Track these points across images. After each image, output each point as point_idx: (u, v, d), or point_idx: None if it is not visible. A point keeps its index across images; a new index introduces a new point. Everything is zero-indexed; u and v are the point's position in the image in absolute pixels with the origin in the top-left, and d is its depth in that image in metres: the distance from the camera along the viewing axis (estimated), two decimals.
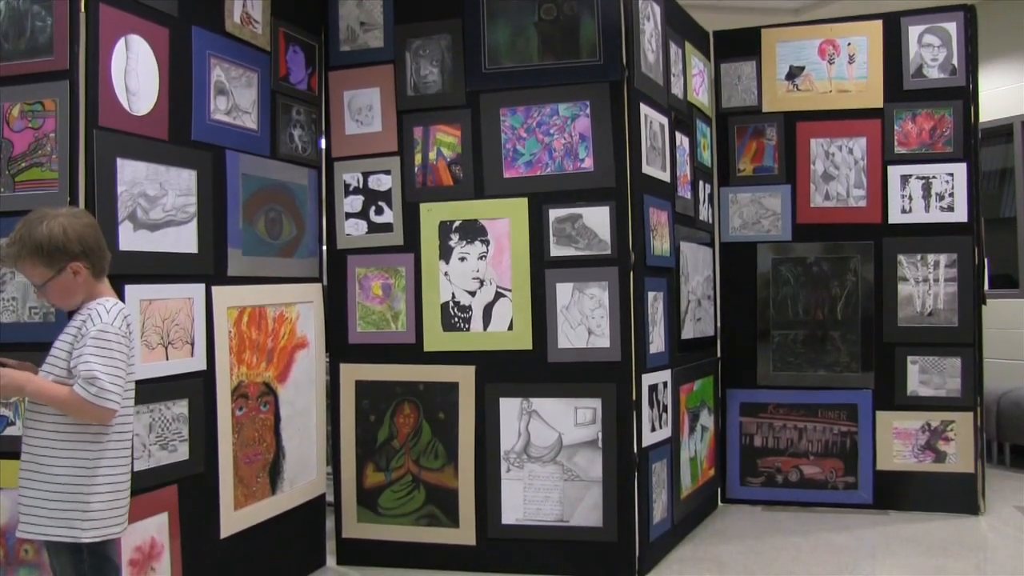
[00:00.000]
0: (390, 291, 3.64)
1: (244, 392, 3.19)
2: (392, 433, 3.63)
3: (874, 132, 4.35)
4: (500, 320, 3.52)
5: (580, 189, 3.44)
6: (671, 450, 3.73)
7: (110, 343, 2.11)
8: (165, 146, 2.84)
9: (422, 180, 3.61)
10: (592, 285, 3.42)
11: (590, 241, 3.42)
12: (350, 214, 3.68)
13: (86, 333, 2.12)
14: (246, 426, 3.20)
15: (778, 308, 4.47)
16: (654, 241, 3.60)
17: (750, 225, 4.51)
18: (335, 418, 3.70)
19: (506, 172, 3.51)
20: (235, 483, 3.13)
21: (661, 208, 3.70)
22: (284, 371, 3.41)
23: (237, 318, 3.16)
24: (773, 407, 4.45)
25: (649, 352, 3.53)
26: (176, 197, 2.88)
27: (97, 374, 2.08)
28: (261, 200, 3.31)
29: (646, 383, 3.50)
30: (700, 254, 4.26)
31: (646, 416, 3.49)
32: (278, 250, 3.41)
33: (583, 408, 3.43)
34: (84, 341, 2.11)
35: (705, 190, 4.38)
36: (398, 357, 3.62)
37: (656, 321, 3.62)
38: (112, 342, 2.12)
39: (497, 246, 3.52)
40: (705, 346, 4.31)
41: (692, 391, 4.06)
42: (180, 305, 2.88)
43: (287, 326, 3.43)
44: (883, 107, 4.34)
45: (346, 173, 3.69)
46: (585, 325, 3.43)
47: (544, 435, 3.47)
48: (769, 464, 4.46)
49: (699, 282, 4.23)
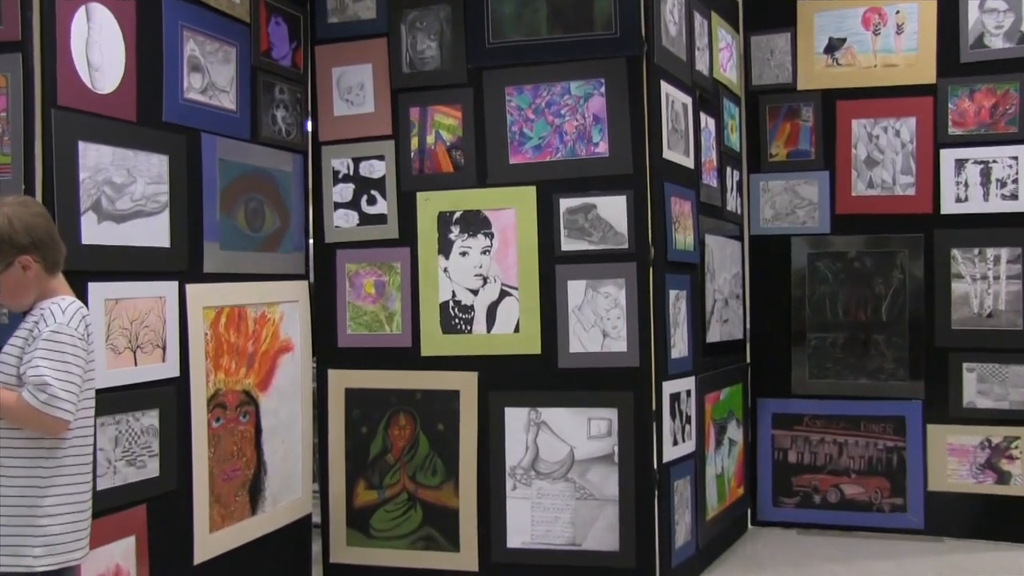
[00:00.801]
0: (384, 289, 3.64)
1: (222, 401, 3.18)
2: (386, 446, 3.62)
3: (925, 111, 4.31)
4: (505, 321, 3.52)
5: (594, 176, 3.43)
6: (695, 466, 3.72)
7: (64, 346, 2.10)
8: (133, 128, 2.82)
9: (419, 166, 3.61)
10: (607, 283, 3.42)
11: (605, 234, 3.42)
12: (339, 204, 3.68)
13: (38, 335, 2.10)
14: (224, 439, 3.19)
15: (815, 308, 4.45)
16: (676, 234, 3.59)
17: (783, 216, 4.50)
18: (322, 430, 3.70)
19: (512, 158, 3.51)
20: (211, 502, 3.11)
21: (684, 197, 3.69)
22: (266, 378, 3.40)
23: (214, 319, 3.15)
24: (809, 419, 4.44)
25: (670, 357, 3.53)
26: (145, 185, 2.86)
27: (48, 379, 2.06)
28: (241, 188, 3.29)
29: (667, 391, 3.49)
30: (727, 248, 4.25)
31: (667, 428, 3.48)
32: (260, 244, 3.39)
33: (597, 419, 3.43)
34: (36, 343, 2.09)
35: (733, 177, 4.36)
36: (392, 362, 3.62)
37: (678, 323, 3.61)
38: (66, 344, 2.10)
39: (502, 239, 3.52)
40: (733, 351, 4.30)
41: (718, 401, 4.05)
42: (150, 305, 2.87)
43: (270, 328, 3.42)
44: (936, 83, 4.30)
45: (335, 159, 3.68)
46: (599, 327, 3.43)
47: (554, 449, 3.46)
48: (805, 483, 4.45)
49: (726, 280, 4.22)
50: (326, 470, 3.68)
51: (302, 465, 3.58)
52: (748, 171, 4.55)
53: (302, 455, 3.58)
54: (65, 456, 2.14)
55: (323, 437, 3.69)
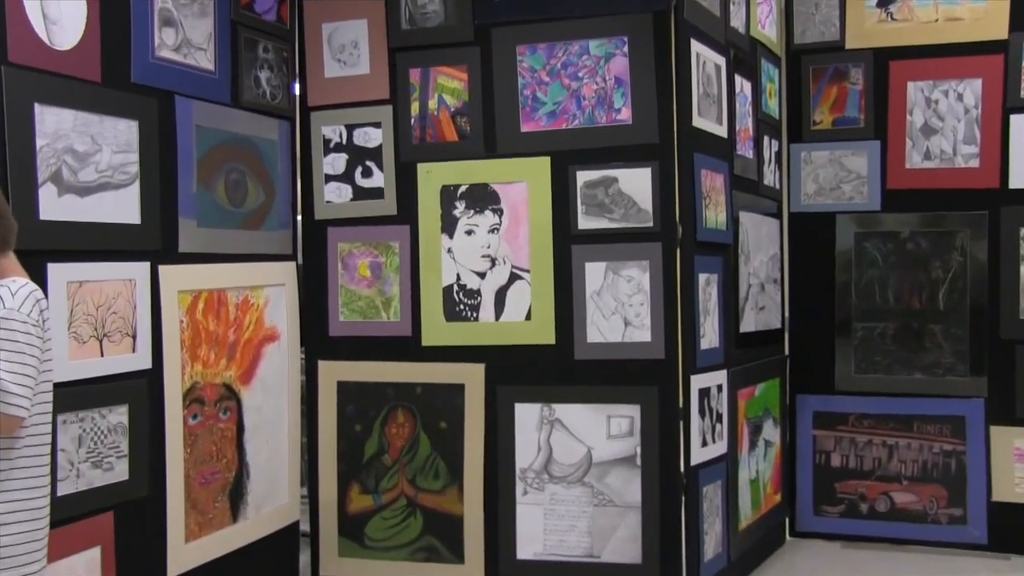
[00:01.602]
0: (380, 272, 3.65)
1: (199, 396, 3.19)
2: (382, 446, 3.64)
3: (993, 72, 4.27)
4: (516, 308, 3.52)
5: (615, 146, 3.43)
6: (727, 470, 3.73)
7: (15, 334, 2.08)
8: (97, 90, 2.81)
9: (420, 135, 3.61)
10: (630, 265, 3.41)
11: (627, 210, 3.42)
12: (331, 176, 3.69)
13: None
14: (201, 438, 3.20)
15: (862, 295, 4.43)
16: (707, 211, 3.58)
17: (828, 191, 4.48)
18: (312, 428, 3.71)
19: (524, 125, 3.51)
20: (187, 509, 3.12)
21: (716, 170, 3.68)
22: (249, 370, 3.41)
23: (190, 305, 3.15)
24: (855, 418, 4.42)
25: (700, 348, 3.52)
26: (112, 154, 2.85)
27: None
28: (220, 158, 3.29)
29: (696, 386, 3.49)
30: (764, 227, 4.24)
31: (696, 427, 3.49)
32: (242, 220, 3.40)
33: (618, 417, 3.44)
34: None
35: (771, 147, 4.35)
36: (390, 353, 3.63)
37: (709, 310, 3.61)
38: (18, 332, 2.08)
39: (512, 216, 3.53)
40: (770, 341, 4.30)
41: (753, 397, 4.05)
42: (119, 289, 2.87)
43: (253, 314, 3.43)
44: (1007, 38, 4.24)
45: (326, 126, 3.69)
46: (621, 314, 3.43)
47: (569, 450, 3.47)
48: (850, 489, 4.44)
49: (763, 262, 4.21)
50: (316, 473, 3.69)
51: (289, 467, 3.58)
52: (788, 141, 4.53)
53: (289, 456, 3.59)
54: (19, 458, 2.13)
55: (312, 436, 3.70)
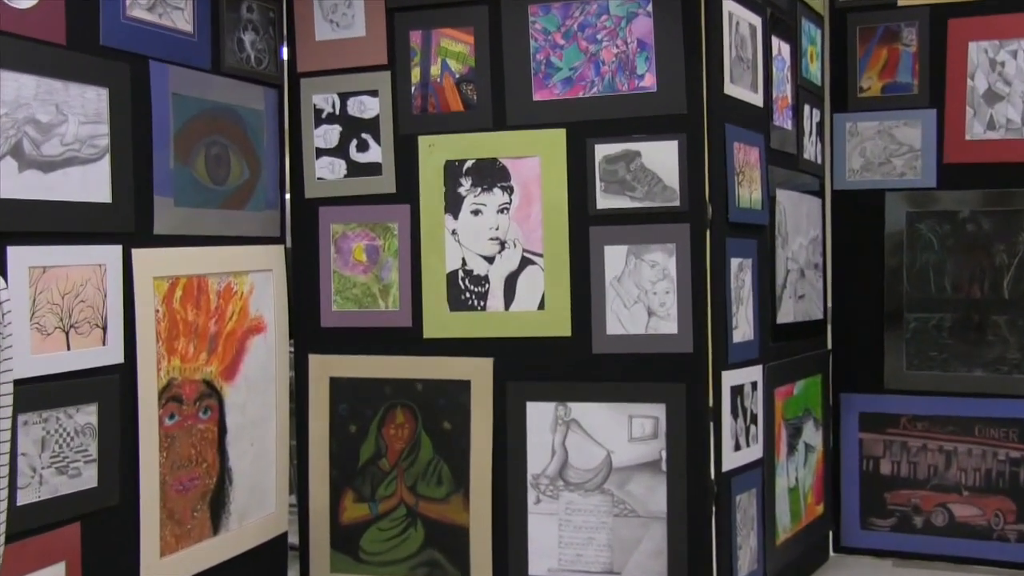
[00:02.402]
0: (377, 256, 3.66)
1: (176, 394, 3.19)
2: (379, 450, 3.65)
3: None
4: (527, 296, 3.53)
5: (638, 116, 3.42)
6: (762, 477, 3.72)
7: None
8: (62, 53, 2.80)
9: (421, 104, 3.61)
10: (654, 249, 3.41)
11: (651, 188, 3.41)
12: (323, 151, 3.70)
13: None
14: (179, 440, 3.21)
15: (915, 282, 4.41)
16: (740, 188, 3.57)
17: (876, 166, 4.46)
18: (302, 429, 3.73)
19: (536, 93, 3.51)
20: (163, 519, 3.12)
21: (750, 143, 3.66)
22: (232, 365, 3.42)
23: (167, 292, 3.16)
24: (908, 420, 4.40)
25: (732, 341, 3.52)
26: (80, 125, 2.85)
27: None
28: (200, 130, 3.29)
29: (728, 383, 3.48)
30: (804, 207, 4.23)
31: (728, 429, 3.48)
32: (224, 199, 3.40)
33: (641, 417, 3.44)
34: None
35: (813, 118, 4.33)
36: (388, 346, 3.64)
37: (742, 299, 3.60)
38: None
39: (524, 195, 3.53)
40: (810, 333, 4.29)
41: (792, 396, 4.04)
42: (87, 275, 2.87)
43: (236, 303, 3.44)
44: None
45: (317, 94, 3.69)
46: (644, 303, 3.42)
47: (587, 454, 3.48)
48: (902, 500, 4.42)
49: (802, 245, 4.20)
50: (306, 479, 3.70)
51: (276, 473, 3.59)
52: (832, 110, 4.50)
53: (276, 460, 3.60)
54: None
55: (302, 438, 3.71)
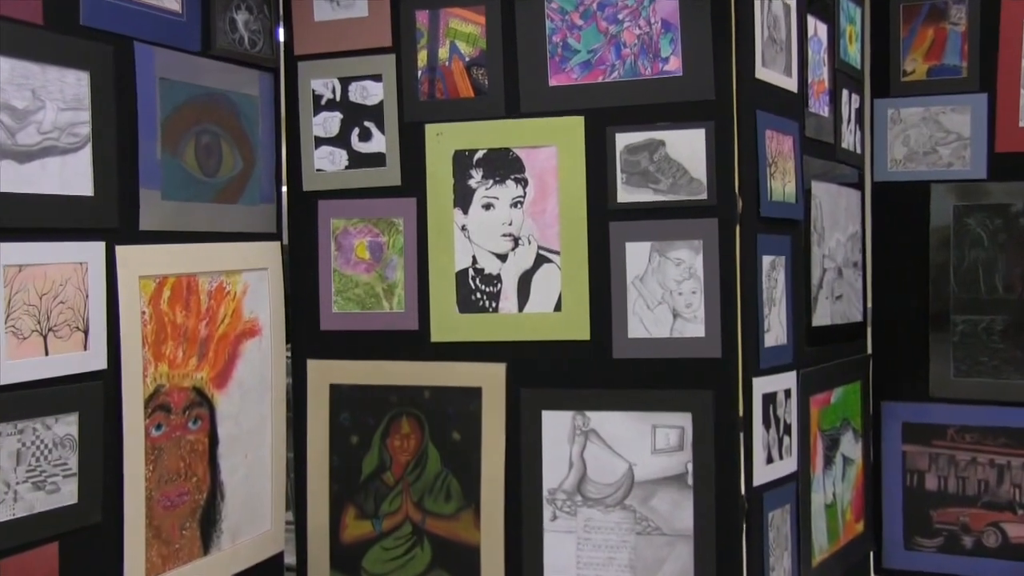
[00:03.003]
0: (381, 253, 3.66)
1: (164, 402, 3.19)
2: (384, 462, 3.64)
3: None
4: (543, 297, 3.52)
5: (662, 103, 3.40)
6: (797, 492, 3.70)
7: None
8: (39, 34, 2.79)
9: (428, 90, 3.61)
10: (679, 245, 3.39)
11: (677, 180, 3.39)
12: (322, 140, 3.69)
13: None
14: (167, 453, 3.20)
15: (963, 281, 4.37)
16: (772, 180, 3.55)
17: (921, 156, 4.43)
18: (299, 440, 3.72)
19: (552, 78, 3.49)
20: (149, 538, 3.11)
21: (783, 131, 3.64)
22: (224, 371, 3.42)
23: (154, 293, 3.15)
24: (955, 431, 4.37)
25: (764, 345, 3.50)
26: (59, 112, 2.84)
27: None
28: (189, 118, 3.29)
29: (759, 391, 3.46)
30: (842, 200, 4.21)
31: (759, 440, 3.46)
32: (215, 192, 3.40)
33: (665, 427, 3.43)
34: None
35: (852, 103, 4.30)
36: (393, 350, 3.63)
37: (774, 300, 3.58)
38: None
39: (539, 188, 3.52)
40: (849, 337, 4.27)
41: (829, 404, 4.02)
42: (67, 273, 2.86)
43: (229, 304, 3.44)
44: None
45: (316, 79, 3.69)
46: (668, 304, 3.40)
47: (607, 466, 3.46)
48: (950, 518, 4.38)
49: (840, 242, 4.18)
50: (304, 494, 3.70)
51: (272, 487, 3.60)
52: (872, 95, 4.47)
53: (272, 474, 3.60)
54: None
55: (300, 450, 3.71)
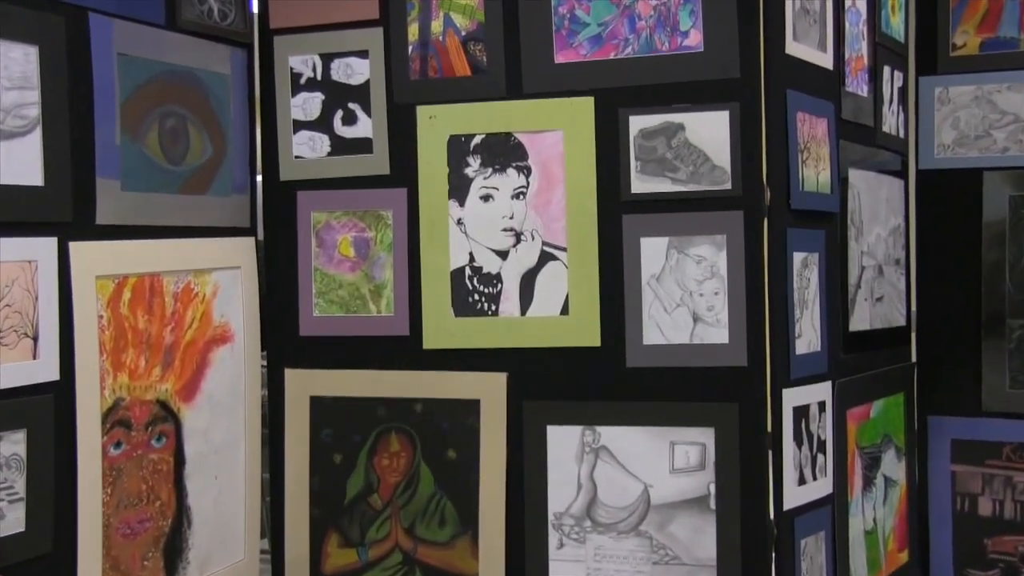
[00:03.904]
0: (368, 250, 3.66)
1: (124, 417, 3.18)
2: (370, 484, 3.64)
3: None
4: (548, 298, 3.50)
5: (682, 82, 3.38)
6: (832, 517, 3.70)
7: None
8: None
9: (420, 68, 3.60)
10: (700, 241, 3.38)
11: (697, 168, 3.37)
12: (302, 123, 3.69)
13: None
14: (127, 473, 3.19)
15: (1020, 281, 4.38)
16: (804, 168, 3.53)
17: (972, 140, 4.42)
18: (276, 459, 3.72)
19: (558, 55, 3.47)
20: (106, 570, 3.11)
21: (817, 113, 3.62)
22: (192, 382, 3.42)
23: (113, 295, 3.14)
24: (1011, 450, 4.36)
25: (795, 353, 3.48)
26: (4, 92, 2.84)
27: None
28: (152, 98, 3.29)
29: (789, 403, 3.45)
30: (883, 190, 4.19)
31: (790, 459, 3.45)
32: (182, 182, 3.40)
33: (685, 444, 3.41)
34: None
35: (894, 82, 4.28)
36: (380, 358, 3.63)
37: (807, 302, 3.57)
38: None
39: (544, 177, 3.50)
40: (891, 343, 4.25)
41: (868, 419, 4.00)
42: (14, 273, 2.86)
43: (197, 307, 3.44)
44: None
45: (295, 55, 3.68)
46: (688, 307, 3.39)
47: (620, 488, 3.45)
48: (1007, 547, 4.38)
49: (881, 237, 4.16)
50: (281, 519, 3.70)
51: (246, 512, 3.60)
52: (918, 72, 4.48)
53: (246, 497, 3.60)
54: None
55: (277, 470, 3.71)
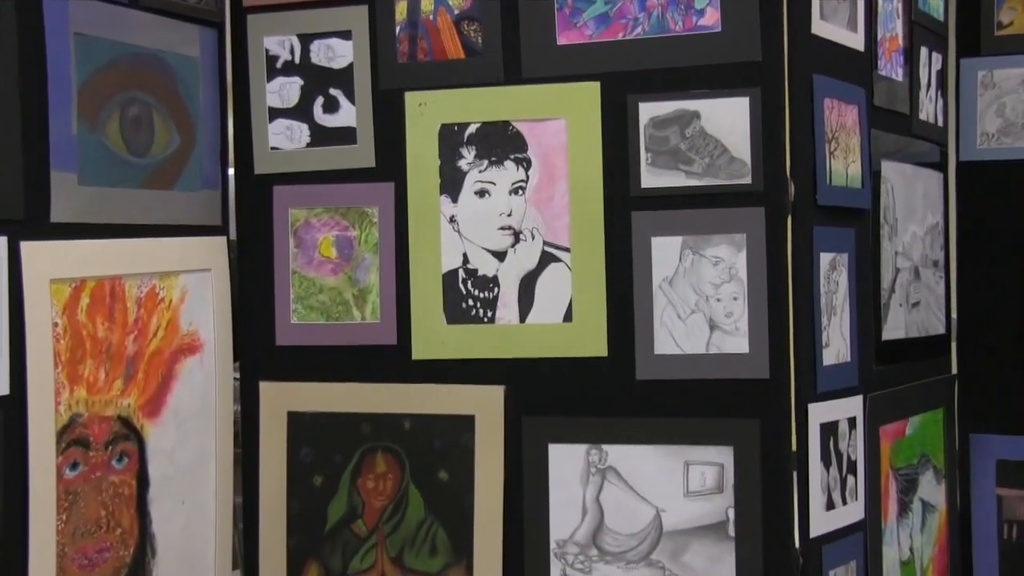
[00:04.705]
0: (351, 251, 3.65)
1: (81, 435, 3.16)
2: (354, 508, 3.63)
3: None
4: (550, 304, 3.49)
5: (697, 66, 3.37)
6: (864, 545, 3.68)
7: None
8: None
9: (409, 50, 3.58)
10: (718, 241, 3.36)
11: (714, 160, 3.35)
12: (279, 111, 3.69)
13: None
14: (84, 498, 3.17)
15: None
16: (833, 160, 3.52)
17: (1019, 129, 4.43)
18: (250, 481, 3.70)
19: (561, 36, 3.47)
20: None
21: (847, 99, 3.61)
22: (157, 397, 3.41)
23: (69, 300, 3.13)
24: None
25: (822, 364, 3.47)
26: None
27: None
28: (113, 83, 3.28)
29: (816, 420, 3.43)
30: (920, 184, 4.17)
31: (817, 481, 3.43)
32: (146, 175, 3.39)
33: (701, 464, 3.40)
34: None
35: (933, 65, 4.27)
36: (365, 370, 3.62)
37: (836, 307, 3.55)
38: None
39: (545, 170, 3.49)
40: (929, 354, 4.25)
41: (904, 437, 3.99)
42: None
43: (163, 314, 3.43)
44: None
45: (270, 36, 3.68)
46: (704, 313, 3.37)
47: (629, 513, 3.43)
48: None
49: (917, 236, 4.14)
50: (255, 548, 3.68)
51: (216, 540, 3.59)
52: (959, 54, 4.49)
53: (216, 524, 3.59)
54: None
55: (251, 494, 3.70)
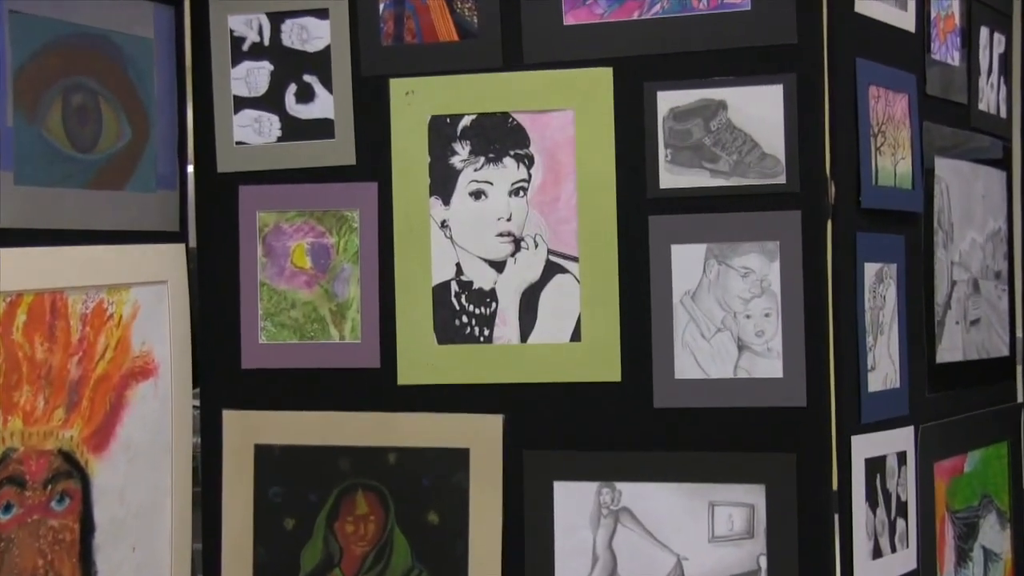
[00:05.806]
0: (328, 261, 3.64)
1: (15, 473, 3.15)
2: (331, 555, 3.61)
3: None
4: (555, 321, 3.48)
5: (723, 49, 3.36)
6: None
7: None
8: None
9: (395, 31, 3.58)
10: (747, 249, 3.34)
11: (743, 157, 3.34)
12: (245, 100, 3.68)
13: None
14: (19, 544, 3.16)
15: None
16: (879, 157, 3.49)
17: None
18: (211, 524, 3.70)
19: (568, 14, 3.46)
20: None
21: (895, 87, 3.59)
22: (105, 427, 3.40)
23: (4, 317, 3.12)
24: None
25: (867, 390, 3.43)
26: None
27: None
28: (54, 68, 3.29)
29: (860, 454, 3.40)
30: (980, 185, 4.16)
31: (862, 524, 3.40)
32: (93, 174, 3.39)
33: (728, 505, 3.38)
34: None
35: (994, 47, 4.28)
36: (344, 397, 3.61)
37: (883, 325, 3.53)
38: None
39: (550, 168, 3.48)
40: (990, 379, 4.25)
41: (962, 474, 3.97)
42: None
43: (112, 333, 3.42)
44: None
45: (235, 15, 3.66)
46: (731, 332, 3.35)
47: (647, 560, 3.42)
48: None
49: (977, 243, 4.13)
50: None
51: None
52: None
53: (172, 574, 3.57)
54: None
55: (212, 539, 3.69)
